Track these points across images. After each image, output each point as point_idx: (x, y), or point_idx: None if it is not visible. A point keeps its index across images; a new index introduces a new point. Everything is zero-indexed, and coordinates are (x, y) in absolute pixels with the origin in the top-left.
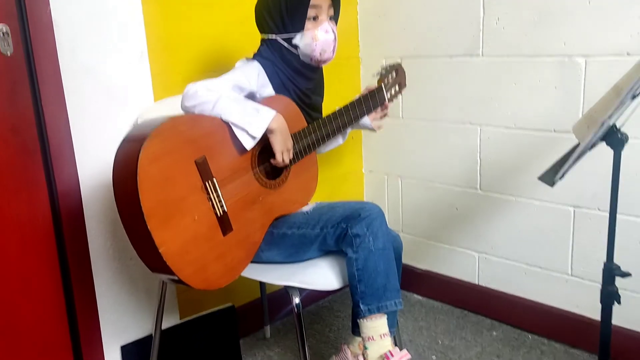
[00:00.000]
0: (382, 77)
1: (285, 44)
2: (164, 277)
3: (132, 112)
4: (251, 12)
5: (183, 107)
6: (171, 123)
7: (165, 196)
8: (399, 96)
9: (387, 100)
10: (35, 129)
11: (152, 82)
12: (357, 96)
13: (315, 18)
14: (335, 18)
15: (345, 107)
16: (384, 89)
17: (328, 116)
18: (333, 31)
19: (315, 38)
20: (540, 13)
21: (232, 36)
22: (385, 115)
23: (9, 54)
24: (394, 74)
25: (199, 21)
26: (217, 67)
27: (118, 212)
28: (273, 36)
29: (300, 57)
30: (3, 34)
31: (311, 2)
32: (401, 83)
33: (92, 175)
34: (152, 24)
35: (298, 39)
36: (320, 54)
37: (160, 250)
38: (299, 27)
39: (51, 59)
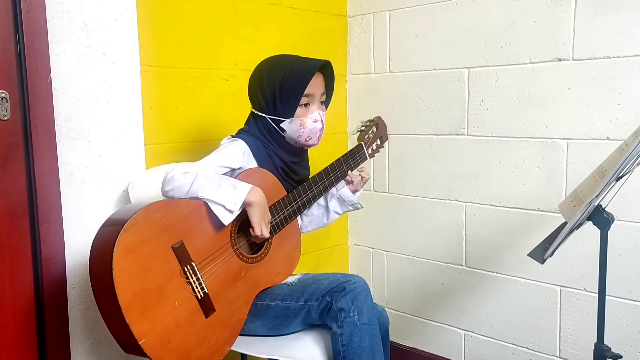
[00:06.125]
0: (363, 133)
1: (273, 124)
2: None
3: (124, 180)
4: (243, 85)
5: (163, 192)
6: (145, 212)
7: (142, 287)
8: (380, 150)
9: (368, 157)
10: (26, 194)
11: (145, 150)
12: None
13: (306, 105)
14: (326, 103)
15: (325, 170)
16: (364, 146)
17: (308, 181)
18: (322, 120)
19: (303, 125)
20: (522, 97)
21: (224, 107)
22: (366, 179)
23: (5, 119)
24: (374, 128)
25: (193, 91)
26: (209, 136)
27: (95, 301)
28: (262, 114)
29: (286, 138)
30: (1, 99)
31: (305, 91)
32: (382, 137)
33: (79, 242)
34: (149, 93)
35: (286, 124)
36: (306, 140)
37: (140, 343)
38: (290, 114)
39: (47, 125)
